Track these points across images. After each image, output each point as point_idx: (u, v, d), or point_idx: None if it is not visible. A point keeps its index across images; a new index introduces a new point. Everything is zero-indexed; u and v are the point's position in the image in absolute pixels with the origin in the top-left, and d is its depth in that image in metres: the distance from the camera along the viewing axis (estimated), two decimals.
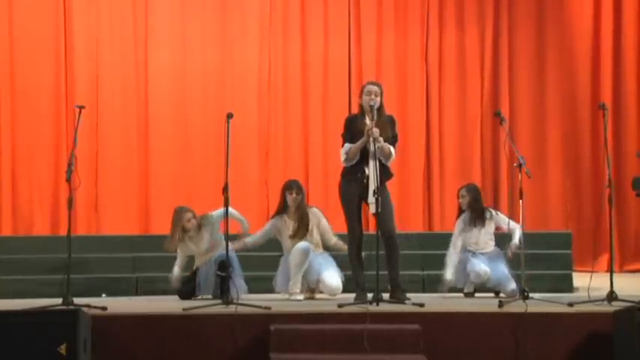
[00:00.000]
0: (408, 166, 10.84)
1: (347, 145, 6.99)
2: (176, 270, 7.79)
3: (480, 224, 7.74)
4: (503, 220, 7.83)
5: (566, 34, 11.05)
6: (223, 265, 7.22)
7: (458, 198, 7.91)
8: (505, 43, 11.12)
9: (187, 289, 7.64)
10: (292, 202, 7.59)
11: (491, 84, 11.10)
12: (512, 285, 7.39)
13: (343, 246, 7.45)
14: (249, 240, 7.72)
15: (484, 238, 7.74)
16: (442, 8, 11.12)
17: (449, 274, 7.64)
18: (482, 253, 7.68)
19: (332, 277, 7.38)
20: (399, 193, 10.33)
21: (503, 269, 7.55)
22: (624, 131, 10.87)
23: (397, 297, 6.77)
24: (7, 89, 10.50)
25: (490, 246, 7.76)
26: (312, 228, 7.61)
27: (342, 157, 7.01)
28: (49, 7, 10.60)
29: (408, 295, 6.93)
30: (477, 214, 7.77)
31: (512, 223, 7.68)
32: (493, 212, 7.87)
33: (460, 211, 7.88)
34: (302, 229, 7.55)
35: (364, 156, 6.87)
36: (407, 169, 10.82)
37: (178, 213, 7.77)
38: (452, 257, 7.70)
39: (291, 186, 7.64)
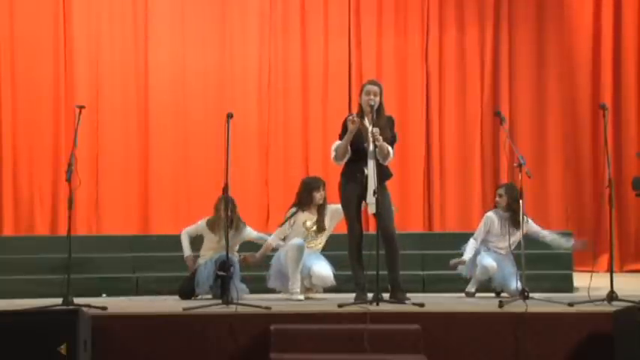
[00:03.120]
0: (408, 166, 10.84)
1: (336, 142, 6.95)
2: (187, 251, 7.81)
3: (514, 228, 7.55)
4: (535, 228, 7.69)
5: (567, 34, 11.05)
6: (223, 265, 7.23)
7: (495, 197, 7.81)
8: (505, 44, 11.12)
9: (187, 288, 7.64)
10: (319, 199, 7.60)
11: (491, 84, 11.10)
12: (514, 284, 7.36)
13: None
14: (273, 241, 7.66)
15: (507, 241, 7.60)
16: (442, 8, 11.13)
17: (467, 254, 7.57)
18: (495, 252, 7.66)
19: (322, 267, 7.38)
20: (399, 193, 10.33)
21: (510, 269, 7.52)
22: (624, 131, 10.87)
23: (397, 297, 6.75)
24: (7, 89, 10.51)
25: (507, 249, 7.65)
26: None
27: (332, 155, 6.96)
28: (49, 7, 10.61)
29: (408, 295, 6.92)
30: (515, 216, 7.50)
31: (545, 232, 7.65)
32: (528, 219, 7.62)
33: (494, 206, 7.80)
34: (319, 226, 7.57)
35: (363, 156, 6.85)
36: (407, 169, 10.83)
37: (225, 198, 7.52)
38: (471, 242, 7.64)
39: (319, 185, 7.63)
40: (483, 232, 7.70)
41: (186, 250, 7.82)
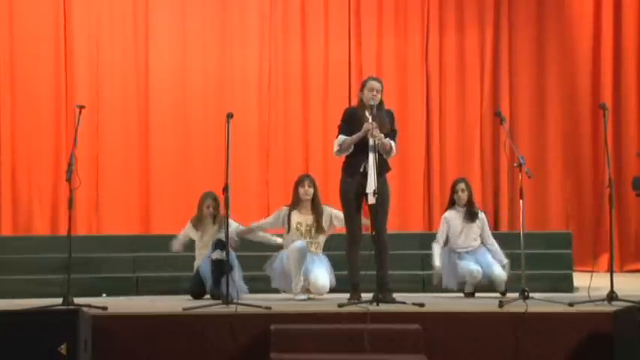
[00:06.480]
0: (408, 166, 10.84)
1: (341, 137, 6.96)
2: (176, 242, 7.96)
3: (472, 221, 7.65)
4: (487, 230, 7.75)
5: (567, 34, 11.05)
6: (220, 243, 7.27)
7: (453, 191, 7.76)
8: (505, 44, 11.12)
9: (197, 289, 7.62)
10: (304, 194, 7.56)
11: (491, 84, 11.10)
12: (498, 269, 7.38)
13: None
14: (255, 224, 7.80)
15: (471, 236, 7.67)
16: (442, 9, 11.13)
17: (437, 261, 7.55)
18: (467, 252, 7.65)
19: (320, 275, 7.31)
20: (400, 192, 10.34)
21: (487, 259, 7.52)
22: (624, 131, 10.87)
23: (384, 296, 6.71)
24: (7, 89, 10.51)
25: (475, 244, 7.68)
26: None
27: (335, 148, 6.99)
28: (49, 7, 10.61)
29: (408, 295, 6.92)
30: (473, 210, 7.69)
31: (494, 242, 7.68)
32: (483, 215, 7.79)
33: (450, 205, 7.81)
34: (317, 226, 7.54)
35: (364, 149, 6.82)
36: (407, 169, 10.83)
37: (203, 196, 7.91)
38: (436, 248, 7.61)
39: (302, 179, 7.63)
40: (444, 233, 7.67)
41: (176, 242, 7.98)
